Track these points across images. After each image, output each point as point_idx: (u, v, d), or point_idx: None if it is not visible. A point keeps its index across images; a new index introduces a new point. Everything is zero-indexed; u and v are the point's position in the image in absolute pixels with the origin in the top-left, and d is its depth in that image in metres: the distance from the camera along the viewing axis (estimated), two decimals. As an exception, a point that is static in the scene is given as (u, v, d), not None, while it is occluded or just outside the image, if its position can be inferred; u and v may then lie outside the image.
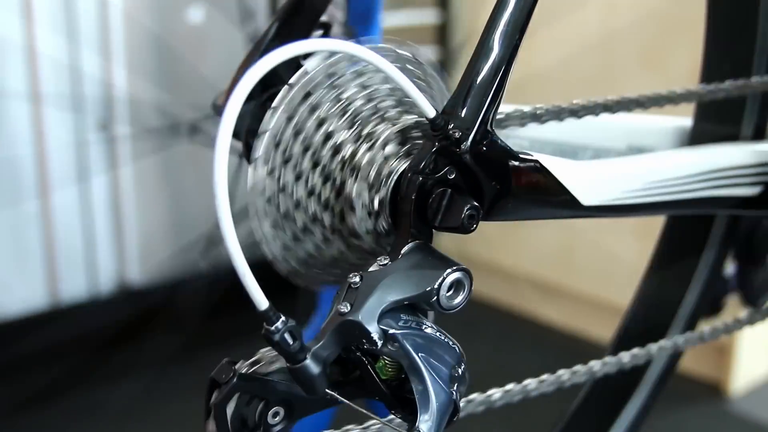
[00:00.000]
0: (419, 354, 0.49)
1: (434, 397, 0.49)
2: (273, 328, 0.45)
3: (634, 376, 0.91)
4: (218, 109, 0.74)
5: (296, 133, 0.54)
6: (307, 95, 0.53)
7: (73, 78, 1.75)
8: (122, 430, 1.59)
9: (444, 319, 0.53)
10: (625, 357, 0.76)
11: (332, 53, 0.53)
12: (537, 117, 0.64)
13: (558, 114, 0.65)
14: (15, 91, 1.68)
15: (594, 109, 0.67)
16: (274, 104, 0.52)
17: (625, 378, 0.85)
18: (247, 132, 0.62)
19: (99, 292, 1.89)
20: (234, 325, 1.38)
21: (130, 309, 1.94)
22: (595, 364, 0.73)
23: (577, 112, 0.66)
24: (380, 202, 0.54)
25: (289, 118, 0.53)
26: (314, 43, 0.40)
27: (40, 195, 1.76)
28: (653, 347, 0.78)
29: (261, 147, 0.52)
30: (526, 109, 0.64)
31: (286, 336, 0.45)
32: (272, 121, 0.52)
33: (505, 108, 0.68)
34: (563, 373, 0.70)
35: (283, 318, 0.46)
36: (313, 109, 0.54)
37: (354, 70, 0.54)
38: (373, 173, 0.55)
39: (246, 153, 0.63)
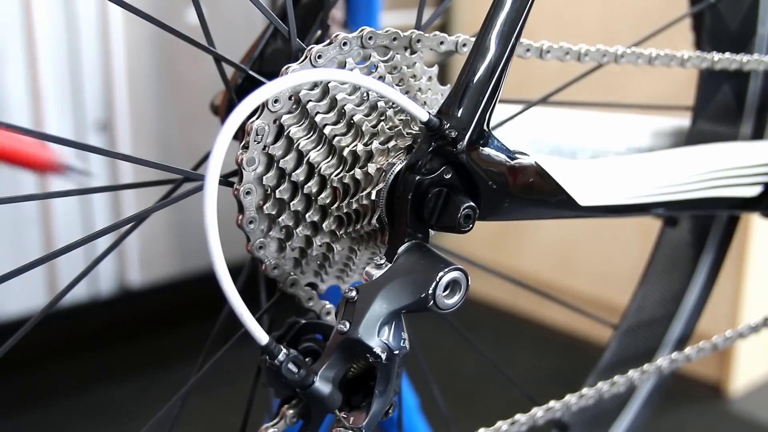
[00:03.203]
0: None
1: (386, 399, 0.51)
2: (276, 361, 0.47)
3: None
4: (216, 109, 0.74)
5: (287, 150, 0.53)
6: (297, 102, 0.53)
7: (73, 75, 1.75)
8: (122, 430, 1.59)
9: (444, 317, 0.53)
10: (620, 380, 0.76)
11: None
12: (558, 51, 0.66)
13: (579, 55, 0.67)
14: (14, 88, 1.68)
15: (614, 54, 0.69)
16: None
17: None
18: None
19: (99, 294, 1.89)
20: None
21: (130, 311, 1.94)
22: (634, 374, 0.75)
23: (603, 55, 0.68)
24: (377, 201, 0.54)
25: (278, 135, 0.53)
26: (297, 77, 0.41)
27: (41, 203, 1.76)
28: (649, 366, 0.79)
29: (251, 179, 0.53)
30: (546, 43, 0.65)
31: (290, 366, 0.48)
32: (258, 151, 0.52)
33: (502, 106, 0.68)
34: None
35: (284, 350, 0.48)
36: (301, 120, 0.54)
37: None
38: (370, 175, 0.55)
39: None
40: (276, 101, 0.52)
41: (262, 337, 0.45)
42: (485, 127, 0.54)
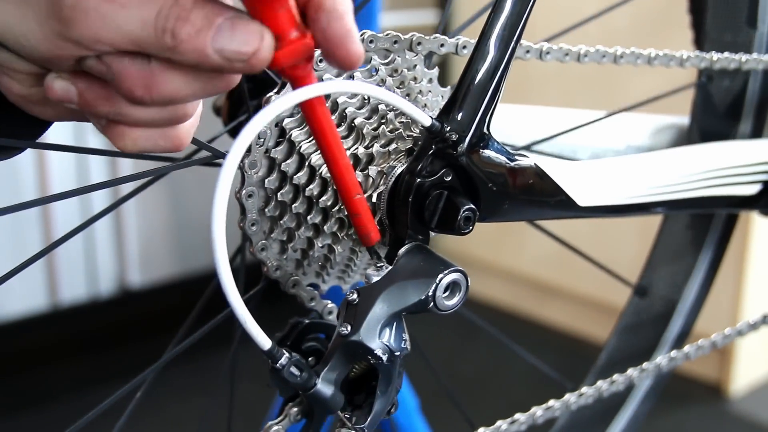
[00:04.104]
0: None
1: (388, 398, 0.52)
2: (278, 365, 0.48)
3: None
4: (218, 110, 0.74)
5: (288, 153, 0.54)
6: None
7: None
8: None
9: (444, 317, 0.53)
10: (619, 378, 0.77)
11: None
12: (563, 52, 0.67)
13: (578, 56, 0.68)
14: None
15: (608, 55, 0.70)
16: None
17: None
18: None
19: (99, 294, 1.89)
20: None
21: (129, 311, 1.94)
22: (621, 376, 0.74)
23: (602, 56, 0.69)
24: (378, 204, 0.55)
25: (279, 138, 0.53)
26: (307, 91, 0.41)
27: (39, 196, 1.76)
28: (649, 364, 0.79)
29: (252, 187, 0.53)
30: (546, 45, 0.65)
31: (292, 370, 0.48)
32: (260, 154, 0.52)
33: (503, 107, 0.68)
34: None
35: (286, 354, 0.48)
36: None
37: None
38: (371, 177, 0.55)
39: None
40: None
41: (265, 342, 0.46)
42: (485, 129, 0.55)
